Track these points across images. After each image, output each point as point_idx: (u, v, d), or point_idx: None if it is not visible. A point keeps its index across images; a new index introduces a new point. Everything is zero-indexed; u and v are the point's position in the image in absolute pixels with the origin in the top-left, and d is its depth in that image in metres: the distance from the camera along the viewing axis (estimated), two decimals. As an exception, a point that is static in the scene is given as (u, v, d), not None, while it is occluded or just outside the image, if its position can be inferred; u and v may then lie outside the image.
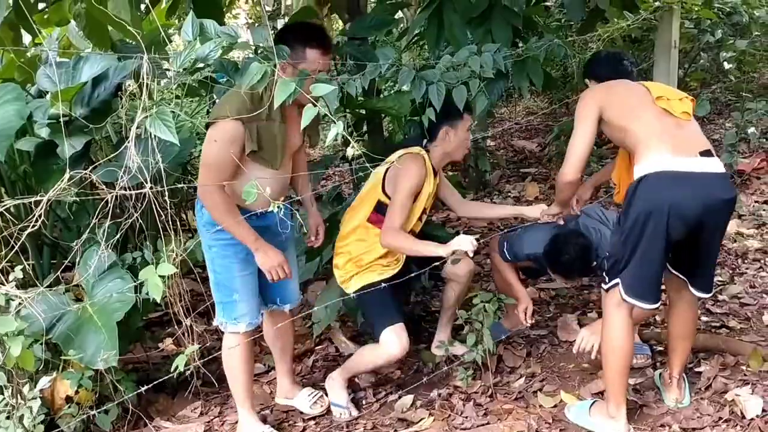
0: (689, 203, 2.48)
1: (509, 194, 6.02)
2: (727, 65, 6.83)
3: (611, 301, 2.69)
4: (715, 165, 2.56)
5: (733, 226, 4.64)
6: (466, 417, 3.02)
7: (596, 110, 2.72)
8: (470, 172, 6.16)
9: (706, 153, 2.55)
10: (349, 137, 1.86)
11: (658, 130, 2.57)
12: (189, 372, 3.11)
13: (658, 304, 2.68)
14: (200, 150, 6.83)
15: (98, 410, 3.03)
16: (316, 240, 3.15)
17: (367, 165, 2.56)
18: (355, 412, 3.15)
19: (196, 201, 2.78)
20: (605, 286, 2.72)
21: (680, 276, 2.79)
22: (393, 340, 3.00)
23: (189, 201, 5.60)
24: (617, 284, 2.64)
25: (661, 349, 3.40)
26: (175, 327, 3.69)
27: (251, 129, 2.57)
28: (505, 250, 3.51)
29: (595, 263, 3.19)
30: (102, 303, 2.88)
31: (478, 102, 2.61)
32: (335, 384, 3.22)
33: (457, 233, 5.02)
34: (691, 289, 2.79)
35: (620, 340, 2.67)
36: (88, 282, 2.95)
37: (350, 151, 1.85)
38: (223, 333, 2.91)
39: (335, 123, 1.78)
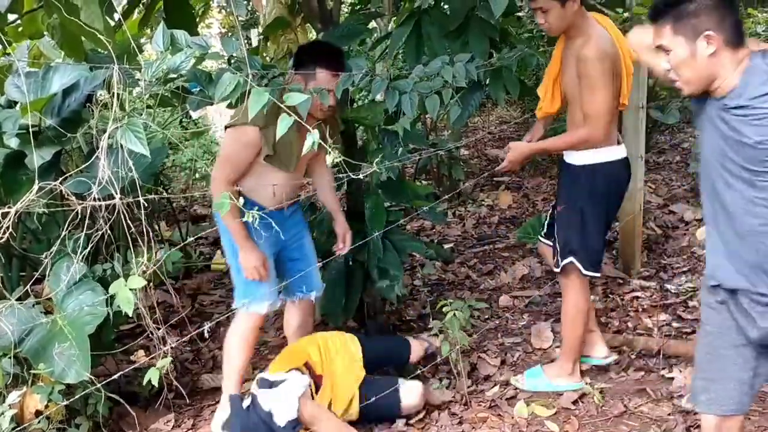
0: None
1: (483, 203, 6.06)
2: (695, 75, 6.92)
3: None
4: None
5: (702, 232, 4.68)
6: (442, 426, 3.02)
7: (612, 73, 2.80)
8: (444, 180, 6.19)
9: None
10: (326, 145, 1.87)
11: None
12: (162, 385, 3.10)
13: None
14: (173, 160, 6.81)
15: (69, 425, 3.00)
16: (344, 247, 3.27)
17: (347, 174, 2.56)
18: None
19: None
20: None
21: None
22: None
23: (161, 212, 5.57)
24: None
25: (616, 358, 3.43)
26: (147, 339, 3.68)
27: (268, 134, 2.76)
28: None
29: None
30: (73, 316, 2.84)
31: (452, 111, 2.63)
32: None
33: (432, 242, 5.06)
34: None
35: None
36: (58, 295, 2.91)
37: (329, 159, 1.85)
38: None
39: (310, 132, 1.78)
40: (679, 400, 2.99)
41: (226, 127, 2.90)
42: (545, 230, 3.33)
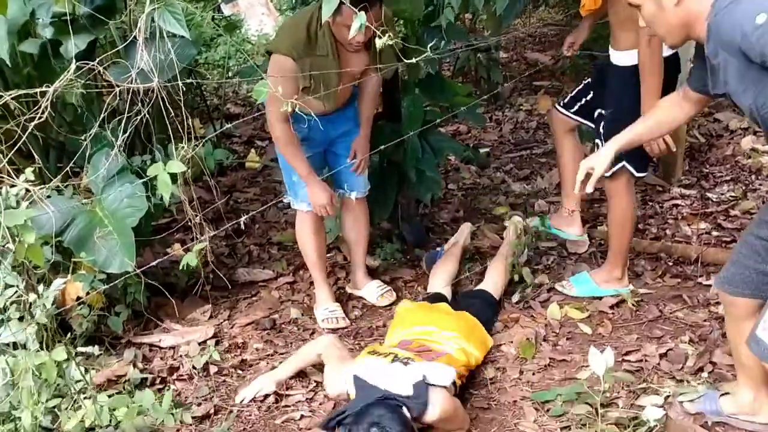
0: None
1: (521, 107, 5.92)
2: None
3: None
4: None
5: (748, 142, 4.56)
6: (474, 325, 3.05)
7: None
8: (482, 83, 6.04)
9: None
10: (374, 28, 1.80)
11: None
12: (198, 276, 3.15)
13: None
14: (206, 58, 6.71)
15: (109, 312, 3.08)
16: (354, 164, 3.14)
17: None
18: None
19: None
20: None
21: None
22: None
23: (195, 109, 5.53)
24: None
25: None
26: (183, 233, 3.73)
27: (303, 65, 2.70)
28: None
29: None
30: (113, 207, 2.86)
31: (498, 3, 2.50)
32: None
33: (468, 147, 4.99)
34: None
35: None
36: (97, 185, 2.92)
37: (379, 43, 1.80)
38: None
39: (357, 14, 1.71)
40: (716, 307, 2.96)
41: (267, 52, 2.90)
42: (566, 100, 3.42)
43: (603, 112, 3.06)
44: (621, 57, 2.89)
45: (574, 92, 3.43)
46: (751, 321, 2.10)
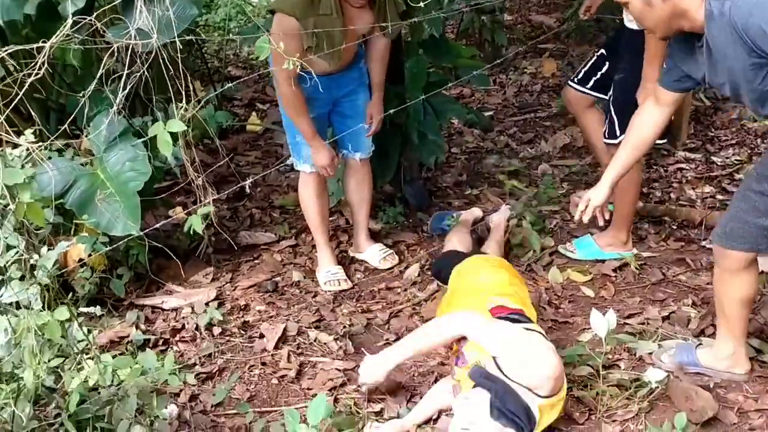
0: None
1: (525, 70, 5.86)
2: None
3: None
4: None
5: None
6: (477, 287, 3.04)
7: None
8: (486, 46, 5.97)
9: None
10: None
11: None
12: (200, 239, 3.14)
13: None
14: (206, 19, 6.63)
15: (111, 275, 3.07)
16: (370, 129, 3.18)
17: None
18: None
19: None
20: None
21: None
22: None
23: (196, 72, 5.48)
24: None
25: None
26: (185, 196, 3.72)
27: (307, 24, 2.67)
28: None
29: None
30: (115, 170, 2.84)
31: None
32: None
33: (471, 110, 4.94)
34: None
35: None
36: (98, 147, 2.90)
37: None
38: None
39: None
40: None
41: (270, 12, 2.84)
42: (580, 76, 3.26)
43: (617, 77, 3.00)
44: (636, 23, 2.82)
45: (586, 67, 3.26)
46: (741, 273, 2.21)
